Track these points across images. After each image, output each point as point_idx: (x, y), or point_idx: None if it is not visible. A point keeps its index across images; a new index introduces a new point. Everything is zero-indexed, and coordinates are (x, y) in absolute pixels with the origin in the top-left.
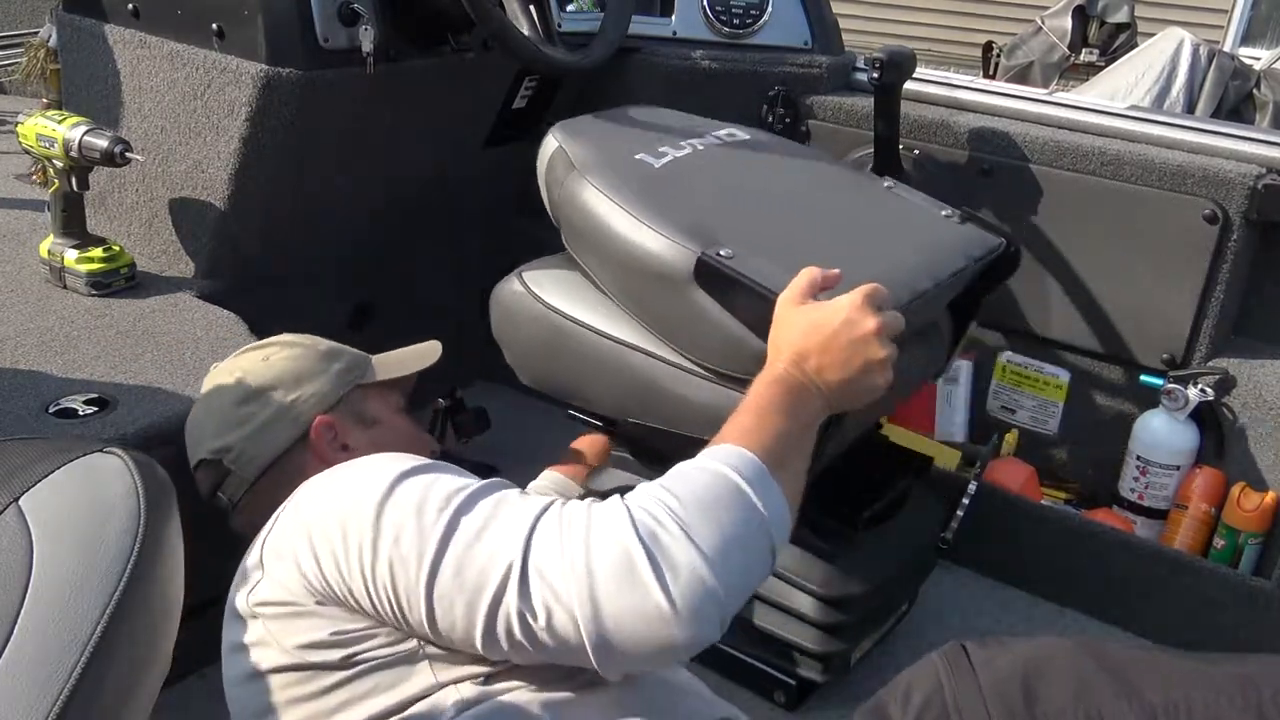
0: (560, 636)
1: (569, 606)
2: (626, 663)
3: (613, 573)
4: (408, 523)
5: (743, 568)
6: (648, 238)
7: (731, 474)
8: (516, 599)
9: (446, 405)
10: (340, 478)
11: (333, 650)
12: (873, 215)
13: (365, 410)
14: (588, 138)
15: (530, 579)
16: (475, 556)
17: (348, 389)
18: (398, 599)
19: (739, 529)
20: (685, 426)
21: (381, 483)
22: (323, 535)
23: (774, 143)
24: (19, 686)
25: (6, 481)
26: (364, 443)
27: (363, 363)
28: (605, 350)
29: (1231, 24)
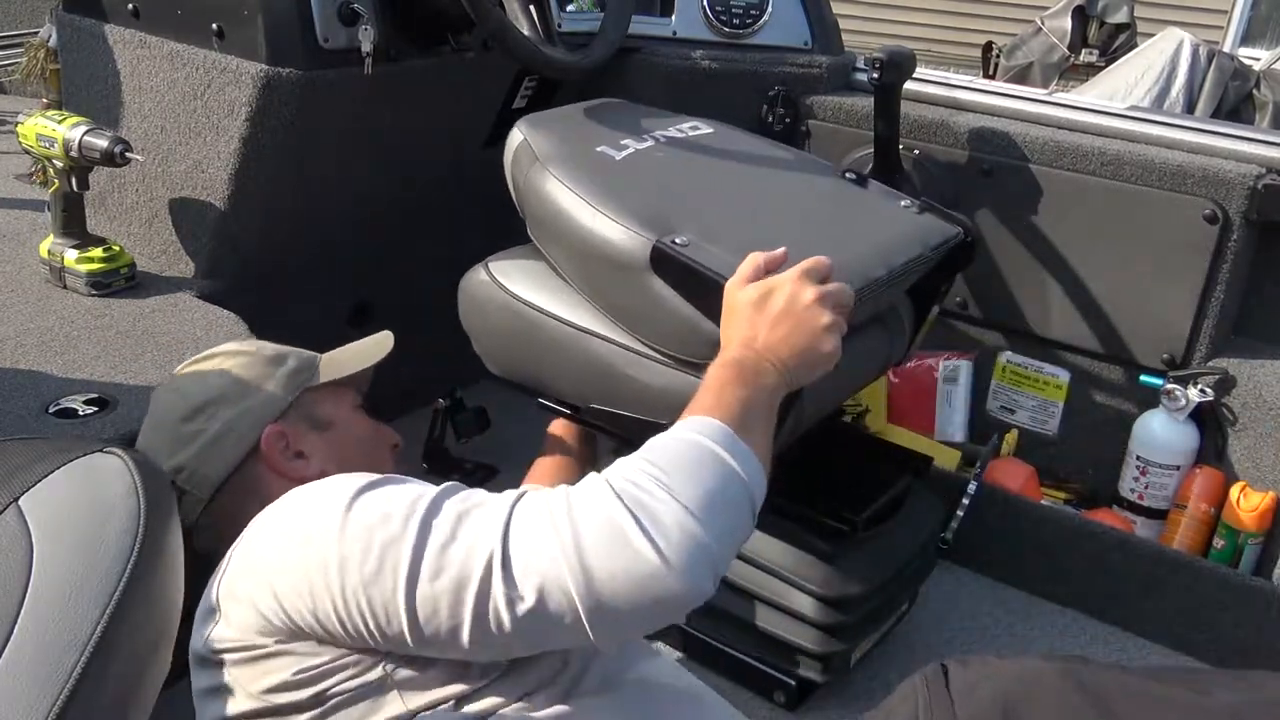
0: (554, 614)
1: (560, 582)
2: (625, 627)
3: (601, 540)
4: (374, 537)
5: (728, 525)
6: (605, 226)
7: (704, 439)
8: (502, 586)
9: (446, 405)
10: (290, 508)
11: (300, 690)
12: (830, 205)
13: (318, 413)
14: (552, 131)
15: (514, 563)
16: (453, 555)
17: (297, 393)
18: (375, 616)
19: (720, 487)
20: (645, 411)
21: (338, 504)
22: (282, 570)
23: (735, 136)
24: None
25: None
26: (319, 447)
27: (310, 364)
28: (568, 338)
29: (1231, 24)
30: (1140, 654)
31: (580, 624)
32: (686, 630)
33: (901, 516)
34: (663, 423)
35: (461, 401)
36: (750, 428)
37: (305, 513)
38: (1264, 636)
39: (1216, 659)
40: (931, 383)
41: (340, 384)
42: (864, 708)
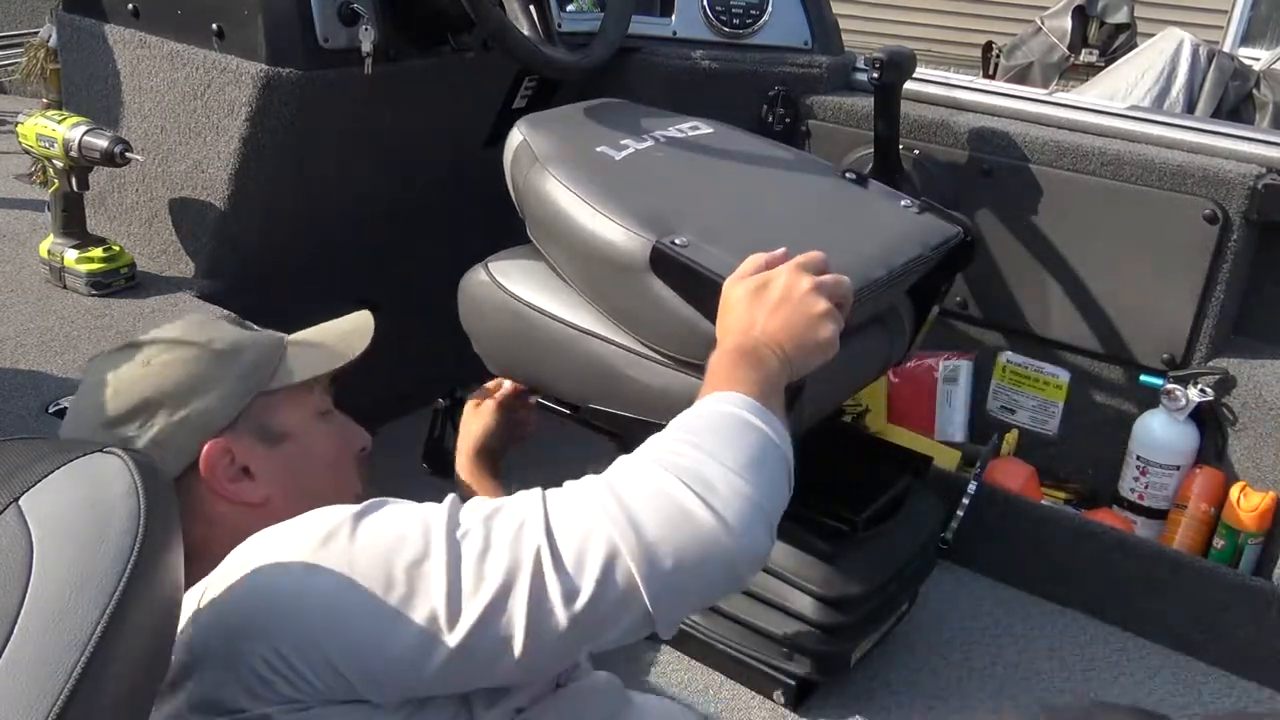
0: (616, 599)
1: (619, 562)
2: (689, 599)
3: (657, 512)
4: (396, 561)
5: (773, 483)
6: (605, 227)
7: (732, 407)
8: (556, 581)
9: (446, 405)
10: (282, 548)
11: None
12: (830, 205)
13: (271, 423)
14: (551, 131)
15: (564, 555)
16: (493, 562)
17: (250, 397)
18: (411, 651)
19: (759, 449)
20: (644, 411)
21: (338, 535)
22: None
23: (735, 136)
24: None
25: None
26: (269, 465)
27: (268, 359)
28: (567, 338)
29: (1231, 24)
30: (1140, 654)
31: (643, 605)
32: (687, 629)
33: (901, 516)
34: (662, 423)
35: (462, 401)
36: (768, 401)
37: (302, 549)
38: (1264, 636)
39: (1216, 659)
40: (931, 383)
41: (307, 383)
42: (864, 708)
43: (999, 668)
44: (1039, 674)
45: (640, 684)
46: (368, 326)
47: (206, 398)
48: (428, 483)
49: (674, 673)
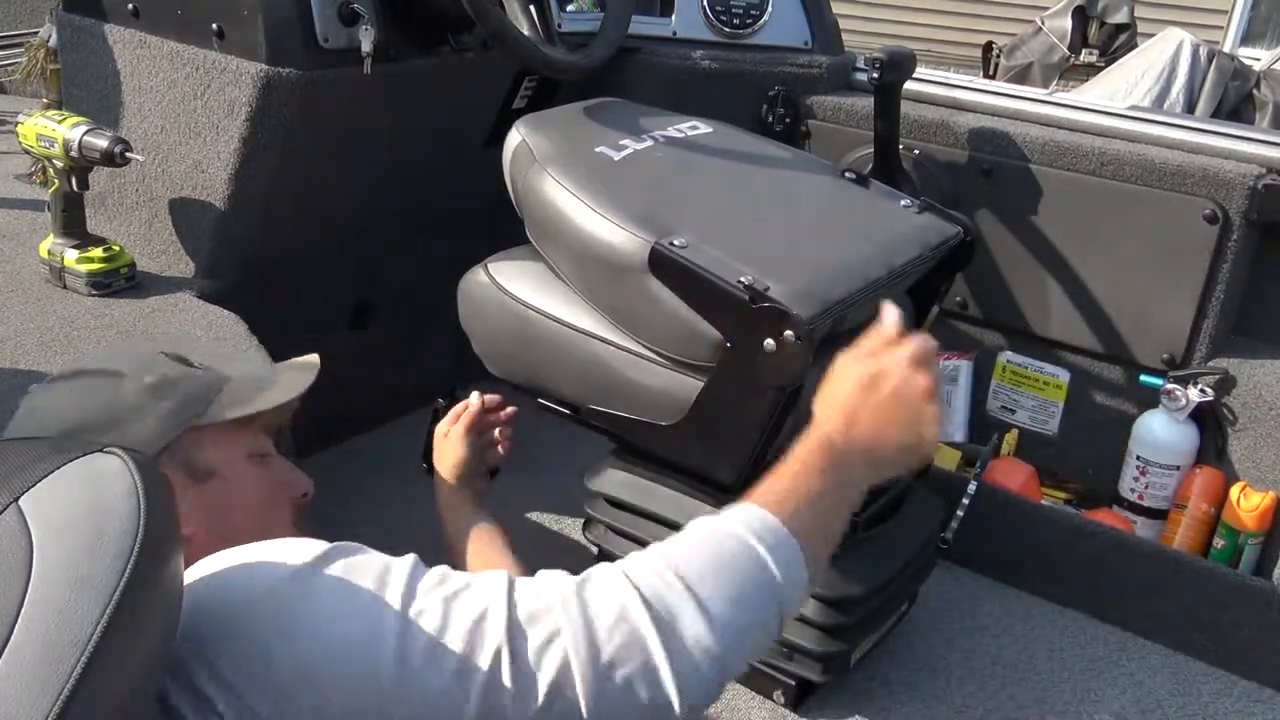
0: (562, 714)
1: (571, 682)
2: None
3: (616, 639)
4: (351, 626)
5: (746, 630)
6: (604, 228)
7: (747, 534)
8: (511, 687)
9: (446, 405)
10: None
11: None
12: (830, 205)
13: (198, 460)
14: (550, 131)
15: (521, 661)
16: (447, 652)
17: (179, 431)
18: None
19: (750, 590)
20: (643, 412)
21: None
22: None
23: (735, 136)
24: (19, 686)
25: (6, 481)
26: (194, 504)
27: (201, 395)
28: (567, 339)
29: (1231, 24)
30: (1140, 654)
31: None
32: None
33: (901, 516)
34: (661, 424)
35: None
36: (815, 529)
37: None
38: (1264, 636)
39: (1216, 659)
40: None
41: (239, 423)
42: (864, 708)
43: (999, 668)
44: (1039, 674)
45: None
46: (310, 373)
47: (132, 427)
48: (427, 482)
49: None
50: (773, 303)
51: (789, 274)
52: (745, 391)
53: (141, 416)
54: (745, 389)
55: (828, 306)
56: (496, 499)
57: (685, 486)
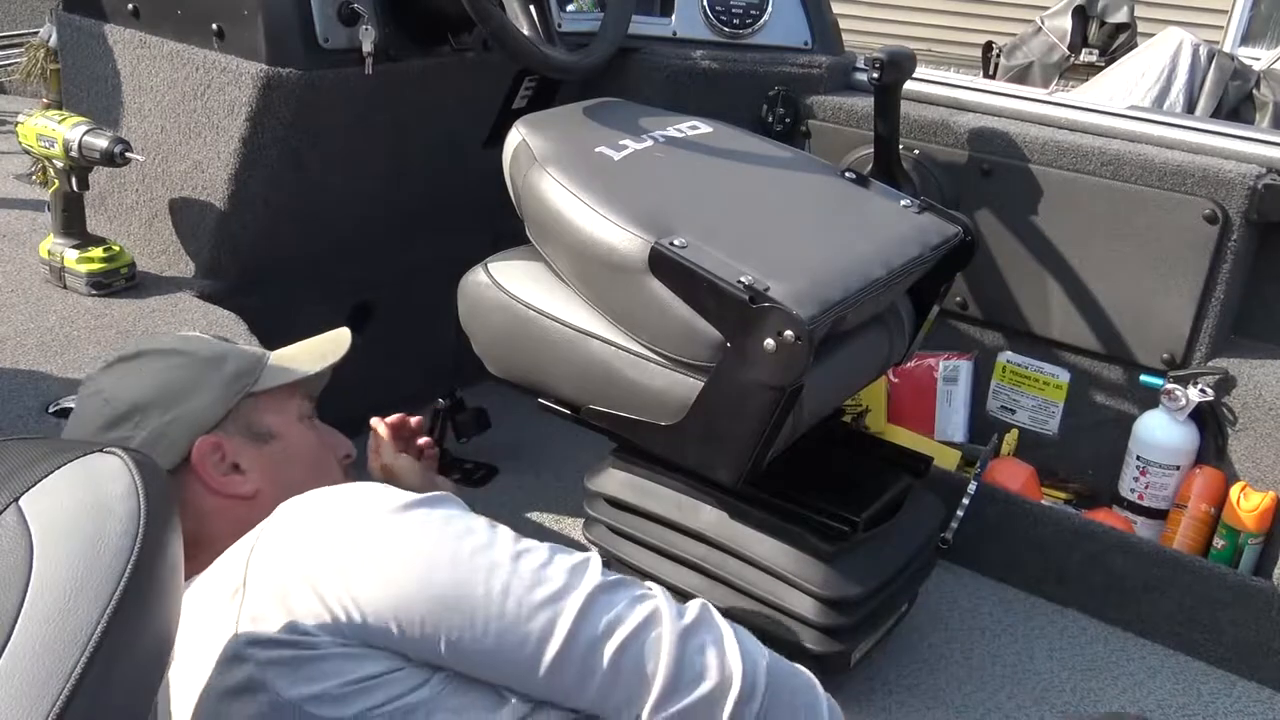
0: (644, 655)
1: (657, 633)
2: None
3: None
4: (464, 544)
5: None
6: (604, 228)
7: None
8: (604, 611)
9: (446, 405)
10: (357, 503)
11: (341, 706)
12: (830, 205)
13: (258, 423)
14: (550, 131)
15: (615, 597)
16: (552, 575)
17: (236, 399)
18: (464, 622)
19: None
20: (644, 412)
21: (413, 507)
22: (358, 573)
23: (735, 136)
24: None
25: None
26: (258, 462)
27: (253, 366)
28: (566, 338)
29: (1231, 24)
30: (1140, 654)
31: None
32: None
33: (901, 517)
34: (661, 424)
35: (461, 401)
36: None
37: (379, 511)
38: (1264, 636)
39: (1216, 659)
40: (931, 383)
41: (287, 391)
42: (864, 708)
43: (999, 668)
44: (1039, 674)
45: None
46: (344, 340)
47: (195, 399)
48: None
49: None
50: (773, 303)
51: (789, 274)
52: (745, 391)
53: (203, 388)
54: (745, 389)
55: (828, 306)
56: (497, 499)
57: (685, 486)
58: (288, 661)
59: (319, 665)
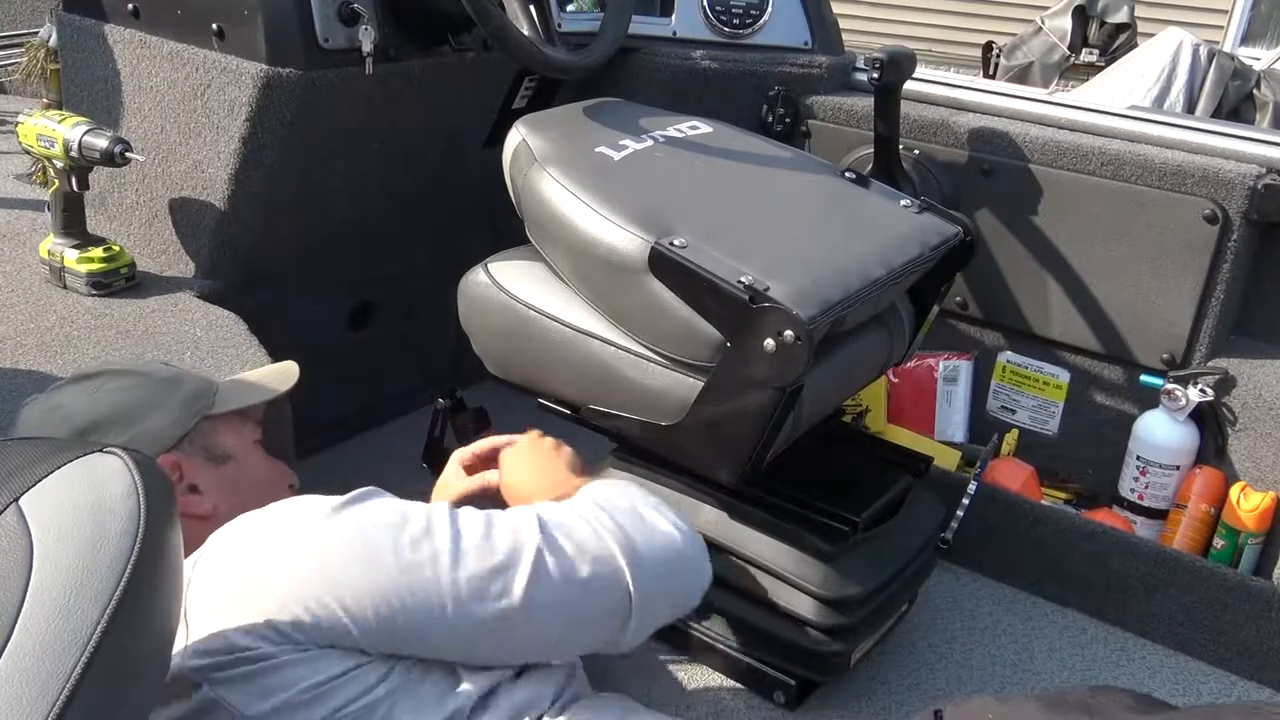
0: (605, 588)
1: (613, 560)
2: (660, 609)
3: (635, 522)
4: (403, 533)
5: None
6: (604, 228)
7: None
8: (554, 560)
9: (446, 405)
10: (279, 516)
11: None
12: (830, 205)
13: (216, 444)
14: (550, 131)
15: (561, 543)
16: (497, 540)
17: (194, 420)
18: (414, 601)
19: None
20: (644, 412)
21: (340, 508)
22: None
23: (735, 135)
24: (19, 686)
25: (6, 481)
26: (215, 483)
27: (208, 390)
28: (566, 338)
29: (1231, 24)
30: (1140, 654)
31: (628, 603)
32: (687, 630)
33: (901, 516)
34: (661, 424)
35: (461, 401)
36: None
37: (312, 518)
38: (1264, 636)
39: (1216, 659)
40: (931, 383)
41: (240, 416)
42: (864, 708)
43: (999, 668)
44: (1039, 674)
45: (641, 685)
46: (293, 372)
47: (154, 418)
48: (427, 482)
49: (674, 673)
50: (773, 303)
51: (789, 274)
52: (745, 391)
53: (162, 407)
54: (745, 389)
55: (828, 307)
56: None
57: (685, 486)
58: (242, 678)
59: (275, 675)
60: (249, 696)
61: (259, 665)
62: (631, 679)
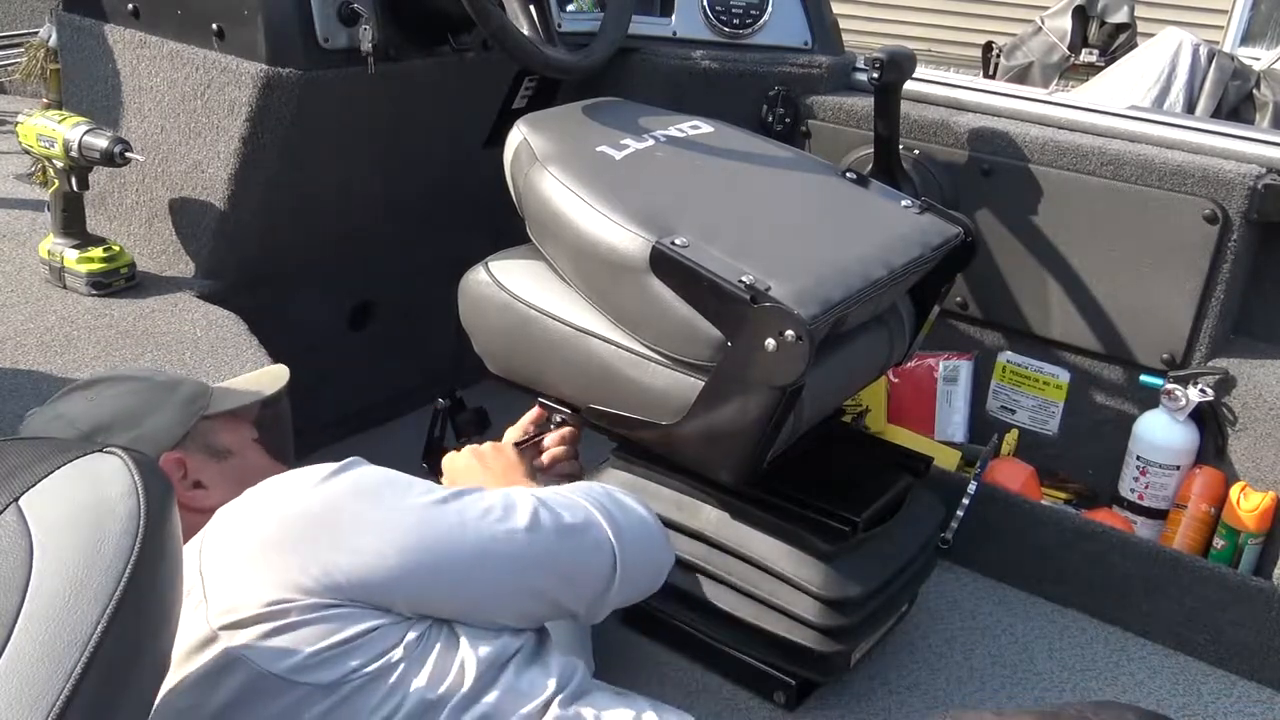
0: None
1: (599, 527)
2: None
3: (616, 503)
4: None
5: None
6: (605, 227)
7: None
8: (551, 515)
9: (446, 405)
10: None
11: (323, 670)
12: (830, 206)
13: (216, 442)
14: (551, 130)
15: (554, 504)
16: (493, 499)
17: (194, 420)
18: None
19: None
20: (645, 412)
21: (343, 472)
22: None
23: (736, 135)
24: (19, 686)
25: (6, 481)
26: (219, 477)
27: (204, 392)
28: (567, 337)
29: (1231, 24)
30: (1140, 654)
31: (614, 564)
32: (687, 630)
33: (901, 517)
34: (662, 423)
35: (461, 401)
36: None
37: (306, 477)
38: (1264, 636)
39: (1216, 659)
40: (931, 383)
41: (237, 415)
42: (864, 708)
43: (999, 668)
44: (1039, 674)
45: (641, 685)
46: (283, 375)
47: (155, 419)
48: None
49: (674, 673)
50: (774, 302)
51: (790, 274)
52: (746, 391)
53: (161, 409)
54: (746, 389)
55: (829, 306)
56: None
57: (685, 486)
58: (263, 636)
59: (294, 633)
60: (267, 653)
61: (276, 623)
62: (632, 678)
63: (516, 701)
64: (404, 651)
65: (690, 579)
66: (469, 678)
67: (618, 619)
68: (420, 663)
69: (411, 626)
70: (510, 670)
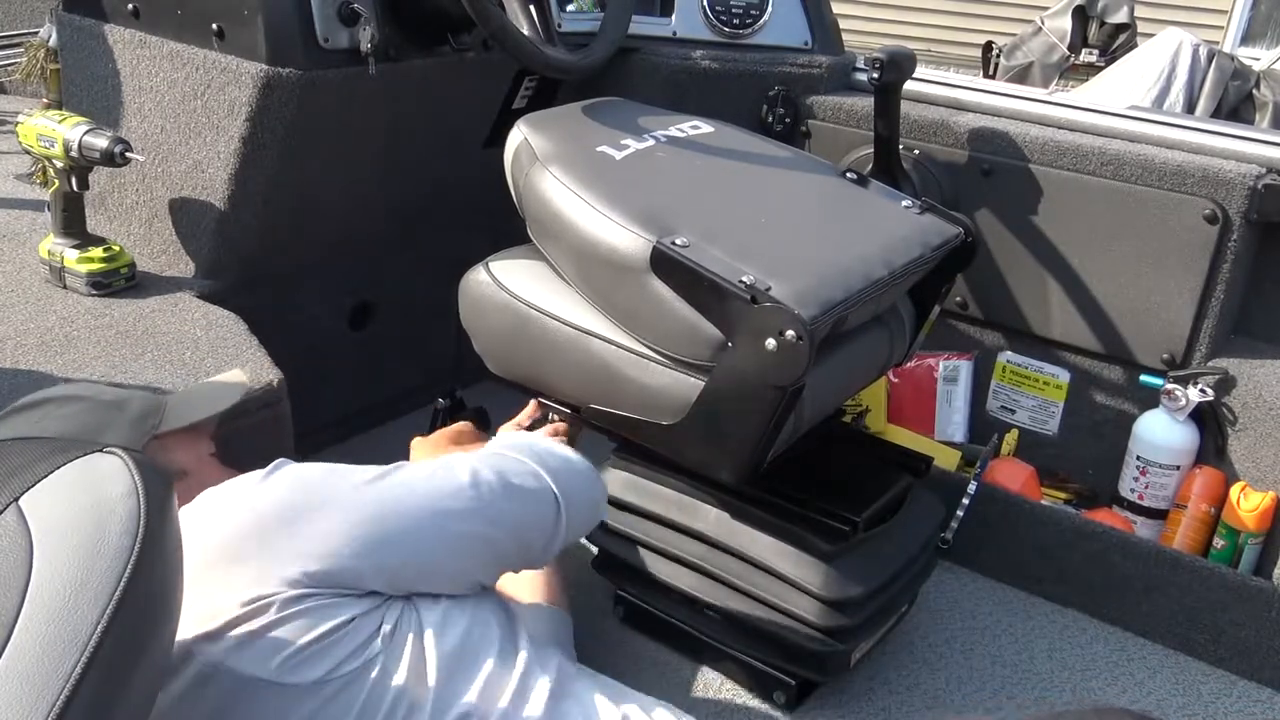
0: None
1: (539, 477)
2: (581, 520)
3: (552, 453)
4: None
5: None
6: (605, 227)
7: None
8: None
9: (446, 405)
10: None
11: (310, 668)
12: (830, 205)
13: (170, 462)
14: (552, 130)
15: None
16: (434, 467)
17: (144, 440)
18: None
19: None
20: (645, 412)
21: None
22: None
23: (736, 135)
24: (19, 687)
25: (6, 481)
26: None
27: (156, 408)
28: (567, 337)
29: (1231, 24)
30: (1140, 654)
31: (557, 505)
32: (687, 630)
33: (901, 517)
34: (663, 423)
35: (461, 401)
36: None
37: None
38: (1264, 636)
39: (1216, 659)
40: (931, 383)
41: (192, 430)
42: (864, 708)
43: (999, 668)
44: (1039, 674)
45: (640, 684)
46: (241, 383)
47: (104, 440)
48: None
49: (674, 673)
50: (774, 302)
51: (790, 274)
52: (746, 391)
53: (110, 429)
54: (746, 389)
55: (829, 306)
56: None
57: (685, 486)
58: (241, 641)
59: (274, 633)
60: (247, 658)
61: (252, 625)
62: (630, 677)
63: (496, 695)
64: (382, 644)
65: (690, 579)
66: (445, 671)
67: (618, 619)
68: (398, 657)
69: (386, 616)
70: (489, 664)
